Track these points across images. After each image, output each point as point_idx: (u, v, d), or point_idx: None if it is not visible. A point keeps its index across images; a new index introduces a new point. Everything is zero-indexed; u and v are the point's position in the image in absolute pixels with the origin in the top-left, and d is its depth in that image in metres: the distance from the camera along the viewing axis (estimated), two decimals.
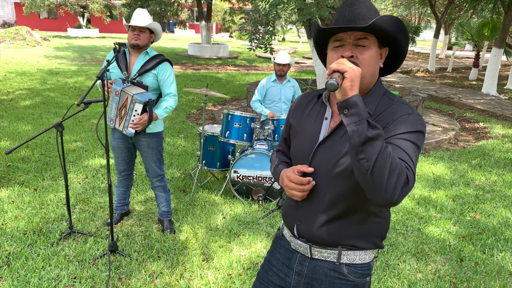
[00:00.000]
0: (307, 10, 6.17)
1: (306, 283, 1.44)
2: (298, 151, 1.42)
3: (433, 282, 2.92)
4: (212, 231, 3.53)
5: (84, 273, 2.87)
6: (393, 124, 1.24)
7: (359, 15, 1.25)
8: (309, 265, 1.43)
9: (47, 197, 4.02)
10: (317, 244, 1.39)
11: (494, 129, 7.66)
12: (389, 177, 1.10)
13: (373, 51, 1.27)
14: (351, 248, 1.36)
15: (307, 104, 1.48)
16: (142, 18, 3.07)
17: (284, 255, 1.50)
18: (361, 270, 1.38)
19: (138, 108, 2.93)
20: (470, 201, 4.33)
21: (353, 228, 1.35)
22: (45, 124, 6.61)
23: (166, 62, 3.22)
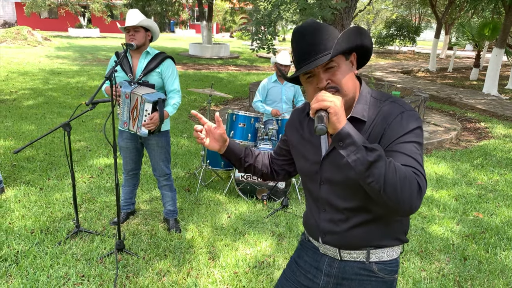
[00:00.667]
0: (310, 11, 6.20)
1: (336, 283, 1.47)
2: (305, 168, 1.45)
3: (437, 280, 2.95)
4: (217, 230, 3.56)
5: (92, 272, 2.90)
6: (390, 129, 1.25)
7: (315, 44, 1.26)
8: (339, 266, 1.45)
9: (53, 196, 4.05)
10: (345, 248, 1.41)
11: (496, 129, 7.69)
12: (402, 190, 1.12)
13: (343, 67, 1.28)
14: (379, 247, 1.39)
15: (302, 120, 1.49)
16: (133, 18, 3.07)
17: (312, 257, 1.53)
18: (390, 266, 1.41)
19: (148, 107, 2.96)
20: (472, 201, 4.36)
21: (378, 230, 1.37)
22: (49, 124, 6.64)
23: (168, 59, 3.24)
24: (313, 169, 1.41)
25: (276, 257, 3.18)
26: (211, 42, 20.38)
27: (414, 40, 25.99)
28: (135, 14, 3.09)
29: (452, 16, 21.56)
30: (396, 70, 16.47)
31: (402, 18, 28.01)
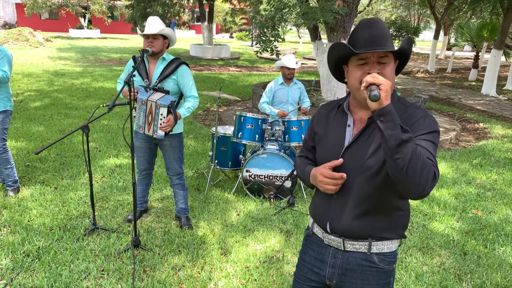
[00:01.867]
0: (312, 15, 6.35)
1: (340, 274, 1.58)
2: (326, 155, 1.57)
3: (439, 274, 3.11)
4: (227, 227, 3.72)
5: (110, 266, 3.05)
6: (412, 127, 1.41)
7: (378, 36, 1.41)
8: (342, 257, 1.57)
9: (67, 195, 4.20)
10: (349, 237, 1.54)
11: (494, 129, 7.86)
12: (421, 173, 1.27)
13: (392, 66, 1.45)
14: (380, 239, 1.52)
15: (328, 113, 1.64)
16: (153, 25, 3.22)
17: (317, 250, 1.64)
18: (389, 258, 1.55)
19: (163, 112, 3.11)
20: (472, 199, 4.52)
21: (382, 221, 1.51)
22: (57, 125, 6.79)
23: (183, 65, 3.39)
24: (333, 156, 1.53)
25: (285, 252, 3.34)
26: (212, 43, 20.53)
27: (413, 40, 26.16)
28: (155, 22, 3.23)
29: (451, 17, 21.73)
30: None
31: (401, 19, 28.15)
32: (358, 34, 1.45)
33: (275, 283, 2.95)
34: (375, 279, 1.54)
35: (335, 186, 1.48)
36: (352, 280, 1.56)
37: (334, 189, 1.49)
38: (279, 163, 4.23)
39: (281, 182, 4.27)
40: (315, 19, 6.56)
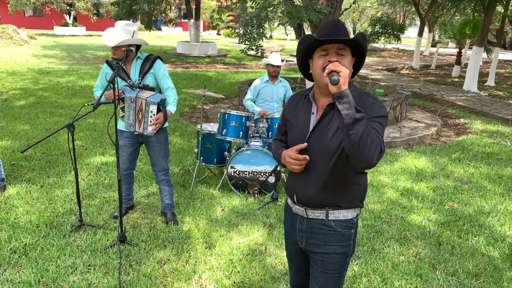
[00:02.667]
0: (296, 14, 6.45)
1: (307, 237, 1.87)
2: (294, 139, 1.83)
3: (414, 263, 3.25)
4: (212, 222, 3.81)
5: (97, 261, 3.12)
6: (365, 111, 1.65)
7: (340, 33, 1.66)
8: (307, 223, 1.86)
9: (54, 193, 4.24)
10: (310, 207, 1.81)
11: (474, 124, 8.08)
12: (370, 146, 1.51)
13: (349, 59, 1.70)
14: (336, 208, 1.78)
15: (297, 102, 1.90)
16: (110, 37, 3.23)
17: (290, 219, 1.96)
18: (345, 223, 1.81)
19: (153, 109, 3.19)
20: (449, 192, 4.69)
21: (338, 193, 1.77)
22: (43, 124, 6.79)
23: (158, 59, 3.48)
24: (301, 139, 1.79)
25: (268, 245, 3.45)
26: (198, 40, 20.52)
27: (398, 37, 26.45)
28: (113, 32, 3.23)
29: (435, 14, 22.06)
30: (381, 67, 16.86)
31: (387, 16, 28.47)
32: (323, 30, 1.70)
33: (258, 274, 3.05)
34: (335, 241, 1.82)
35: (300, 166, 1.74)
36: (316, 242, 1.85)
37: (299, 169, 1.75)
38: (263, 159, 4.33)
39: (265, 177, 4.37)
40: (299, 18, 6.67)
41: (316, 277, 1.89)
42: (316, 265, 1.88)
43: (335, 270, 1.85)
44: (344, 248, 1.83)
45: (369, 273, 3.10)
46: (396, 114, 7.61)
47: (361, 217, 4.01)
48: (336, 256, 1.83)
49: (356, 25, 32.67)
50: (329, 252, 1.83)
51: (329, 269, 1.84)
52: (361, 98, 1.70)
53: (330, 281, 1.86)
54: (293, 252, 2.04)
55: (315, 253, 1.86)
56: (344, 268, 1.87)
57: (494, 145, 6.61)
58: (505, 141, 6.90)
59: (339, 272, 1.86)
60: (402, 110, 7.80)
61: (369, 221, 3.93)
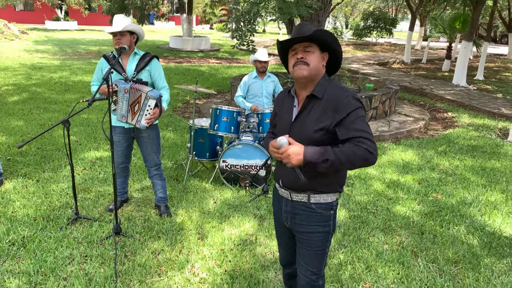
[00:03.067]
0: (287, 10, 6.56)
1: (291, 217, 2.08)
2: (280, 130, 2.06)
3: (397, 251, 3.42)
4: (205, 214, 3.94)
5: (93, 252, 3.25)
6: (340, 111, 1.82)
7: (302, 32, 1.87)
8: (291, 205, 2.06)
9: (49, 187, 4.35)
10: (294, 190, 2.02)
11: (461, 118, 8.26)
12: (355, 163, 1.74)
13: (316, 53, 1.89)
14: (317, 192, 1.98)
15: (284, 97, 2.12)
16: (117, 23, 3.39)
17: (277, 200, 2.18)
18: (325, 206, 2.00)
19: (151, 103, 3.30)
20: (434, 184, 4.86)
21: (318, 179, 1.94)
22: (37, 120, 6.86)
23: (155, 58, 3.61)
24: (286, 129, 1.99)
25: (258, 235, 3.59)
26: (191, 35, 20.52)
27: (390, 31, 26.62)
28: (119, 19, 3.39)
29: (427, 8, 22.22)
30: (372, 62, 17.01)
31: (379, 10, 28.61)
32: (295, 30, 1.91)
33: (248, 263, 3.20)
34: (316, 221, 2.02)
35: (277, 155, 1.88)
36: (299, 222, 2.05)
37: (277, 157, 1.89)
38: (254, 153, 4.46)
39: (256, 171, 4.50)
40: (290, 13, 6.78)
41: (302, 255, 2.09)
42: (301, 243, 2.08)
43: (318, 247, 2.05)
44: (325, 227, 2.03)
45: (354, 261, 3.26)
46: (385, 108, 7.77)
47: (348, 208, 4.17)
48: (318, 234, 2.03)
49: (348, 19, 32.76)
50: (312, 231, 2.03)
51: (312, 246, 2.04)
52: (333, 94, 1.87)
53: (313, 257, 2.06)
54: (281, 231, 2.26)
55: (300, 232, 2.06)
56: (326, 245, 2.07)
57: (479, 138, 6.79)
58: (490, 134, 7.10)
59: (322, 249, 2.06)
60: (391, 105, 7.96)
61: (355, 212, 4.09)
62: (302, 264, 2.09)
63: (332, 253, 3.36)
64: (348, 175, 5.03)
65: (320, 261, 2.07)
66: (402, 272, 3.15)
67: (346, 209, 4.14)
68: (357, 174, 5.06)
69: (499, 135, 7.07)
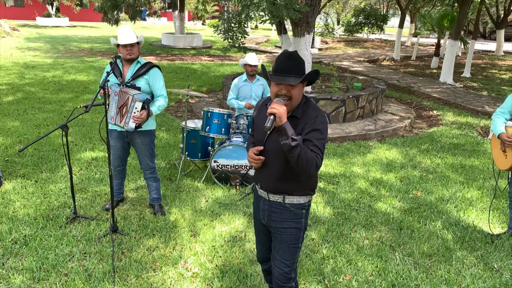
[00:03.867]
0: (276, 13, 6.76)
1: (268, 214, 2.32)
2: (258, 140, 2.28)
3: (377, 246, 3.67)
4: (197, 212, 4.16)
5: (92, 249, 3.46)
6: (309, 124, 2.09)
7: (292, 68, 2.06)
8: (268, 204, 2.31)
9: (48, 187, 4.54)
10: (271, 192, 2.27)
11: (446, 116, 8.54)
12: (306, 164, 2.02)
13: (299, 86, 2.10)
14: (291, 195, 2.23)
15: (261, 109, 2.32)
16: (130, 36, 3.61)
17: (256, 200, 2.42)
18: (297, 205, 2.26)
19: (138, 106, 3.50)
20: (414, 181, 5.12)
21: (292, 184, 2.21)
22: (32, 120, 7.01)
23: (155, 68, 3.79)
24: (262, 140, 2.22)
25: (247, 232, 3.82)
26: (183, 32, 20.62)
27: (381, 28, 26.90)
28: (129, 32, 3.61)
29: (417, 5, 22.49)
30: (362, 59, 17.27)
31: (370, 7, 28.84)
32: (278, 62, 2.09)
33: (237, 258, 3.43)
34: (289, 218, 2.27)
35: (256, 164, 2.22)
36: (275, 219, 2.29)
37: (256, 166, 2.24)
38: (244, 154, 4.68)
39: (246, 170, 4.73)
40: (279, 16, 6.98)
41: (277, 248, 2.33)
42: (275, 238, 2.33)
43: (291, 241, 2.29)
44: (298, 224, 2.28)
45: (336, 256, 3.50)
46: (372, 107, 8.02)
47: (332, 205, 4.41)
48: (291, 230, 2.28)
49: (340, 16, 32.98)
50: (285, 227, 2.27)
51: (286, 240, 2.29)
52: (308, 111, 2.14)
53: (287, 250, 2.30)
54: (258, 228, 2.49)
55: (275, 228, 2.31)
56: (299, 241, 2.32)
57: (461, 137, 7.07)
58: (472, 132, 7.38)
59: (295, 244, 2.31)
60: (377, 103, 8.22)
61: (339, 209, 4.33)
62: (276, 258, 2.33)
63: (316, 248, 3.61)
64: (334, 173, 5.28)
65: (292, 254, 2.31)
66: (380, 265, 3.40)
67: (330, 206, 4.38)
68: (343, 173, 5.31)
69: (480, 133, 7.36)
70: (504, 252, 3.63)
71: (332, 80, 9.10)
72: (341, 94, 7.78)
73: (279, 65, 2.07)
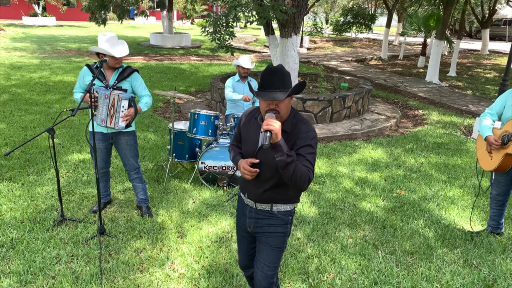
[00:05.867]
0: (263, 14, 6.82)
1: (255, 222, 2.36)
2: (246, 152, 2.30)
3: (360, 245, 3.76)
4: (184, 214, 4.21)
5: (79, 252, 3.49)
6: (300, 139, 2.14)
7: (277, 83, 2.06)
8: (255, 211, 2.35)
9: (35, 190, 4.54)
10: (258, 202, 2.31)
11: (431, 115, 8.69)
12: (299, 180, 2.04)
13: (286, 101, 2.12)
14: (278, 203, 2.29)
15: (249, 120, 2.31)
16: (120, 48, 3.70)
17: (241, 208, 2.45)
18: (284, 212, 2.32)
19: (125, 104, 3.56)
20: (398, 180, 5.23)
21: (279, 194, 2.26)
22: (18, 122, 6.98)
23: (135, 72, 3.91)
24: (251, 153, 2.24)
25: (234, 233, 3.88)
26: (172, 32, 20.57)
27: (369, 27, 27.14)
28: (119, 43, 3.71)
29: (404, 5, 22.73)
30: (350, 58, 17.42)
31: (358, 6, 29.07)
32: (263, 78, 2.10)
33: (224, 258, 3.49)
34: (276, 223, 2.32)
35: (251, 176, 2.21)
36: (262, 225, 2.34)
37: (249, 178, 2.22)
38: None
39: (233, 172, 4.78)
40: (266, 17, 7.04)
41: (261, 252, 2.37)
42: (260, 242, 2.37)
43: (276, 244, 2.34)
44: (284, 228, 2.34)
45: (320, 254, 3.58)
46: (358, 107, 8.13)
47: (317, 205, 4.49)
48: (277, 234, 2.33)
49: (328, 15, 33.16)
50: (272, 231, 2.33)
51: (271, 243, 2.33)
52: (297, 126, 2.16)
53: (271, 253, 2.34)
54: (241, 235, 2.52)
55: (261, 233, 2.36)
56: (283, 245, 2.37)
57: (445, 136, 7.22)
58: (455, 131, 7.53)
59: (279, 248, 2.35)
60: (364, 104, 8.33)
61: (325, 208, 4.41)
62: (260, 261, 2.36)
63: (301, 247, 3.68)
64: (320, 173, 5.36)
65: (276, 257, 2.35)
66: (363, 263, 3.48)
67: (316, 206, 4.46)
68: (329, 172, 5.39)
69: (463, 132, 7.51)
70: (483, 249, 3.74)
71: (319, 80, 9.19)
72: (328, 94, 7.87)
73: (264, 81, 2.07)
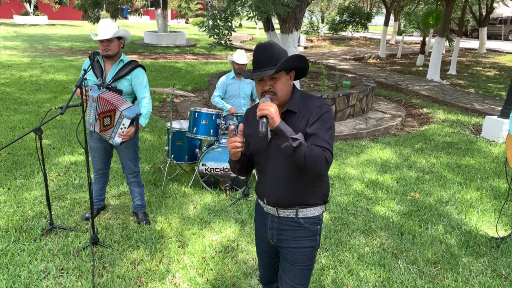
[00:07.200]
0: (264, 8, 6.50)
1: (278, 233, 2.03)
2: (257, 148, 1.99)
3: (378, 253, 3.44)
4: (185, 220, 3.88)
5: (70, 265, 3.14)
6: (312, 116, 1.83)
7: (270, 59, 1.80)
8: (278, 221, 2.01)
9: (22, 195, 4.18)
10: (281, 207, 1.97)
11: (436, 114, 8.42)
12: (315, 163, 1.73)
13: (283, 79, 1.85)
14: (304, 206, 1.95)
15: (254, 115, 2.01)
16: (107, 30, 3.27)
17: (261, 218, 2.11)
18: (312, 220, 1.99)
19: (126, 122, 3.22)
20: (411, 182, 4.93)
21: (304, 193, 1.94)
22: (7, 122, 6.60)
23: (139, 68, 3.49)
24: (262, 149, 1.95)
25: (240, 241, 3.55)
26: (166, 30, 20.19)
27: (366, 26, 26.91)
28: (107, 25, 3.27)
29: (401, 3, 22.53)
30: (348, 57, 17.15)
31: (354, 5, 28.84)
32: (254, 56, 1.86)
33: (230, 271, 3.16)
34: (303, 236, 1.99)
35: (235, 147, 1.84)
36: (286, 238, 2.01)
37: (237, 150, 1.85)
38: None
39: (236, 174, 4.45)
40: (266, 12, 6.72)
41: (286, 271, 2.03)
42: (285, 259, 2.03)
43: (304, 262, 2.00)
44: (311, 242, 2.00)
45: (336, 265, 3.27)
46: (362, 105, 7.84)
47: (328, 209, 4.18)
48: (304, 250, 1.99)
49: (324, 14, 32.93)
50: (298, 246, 1.99)
51: (298, 262, 2.00)
52: (307, 104, 1.88)
53: (299, 273, 2.01)
54: (262, 249, 2.19)
55: (285, 248, 2.02)
56: (312, 261, 2.04)
57: (454, 135, 6.94)
58: (464, 130, 7.26)
59: (308, 266, 2.02)
60: (368, 102, 8.04)
61: (336, 213, 4.10)
62: (286, 281, 2.03)
63: None
64: (328, 175, 5.04)
65: (305, 277, 2.03)
66: (383, 275, 3.17)
67: (327, 211, 4.15)
68: (337, 174, 5.09)
69: (472, 131, 7.24)
70: (511, 257, 3.45)
71: (320, 78, 8.89)
72: (331, 92, 7.57)
73: (255, 60, 1.84)
